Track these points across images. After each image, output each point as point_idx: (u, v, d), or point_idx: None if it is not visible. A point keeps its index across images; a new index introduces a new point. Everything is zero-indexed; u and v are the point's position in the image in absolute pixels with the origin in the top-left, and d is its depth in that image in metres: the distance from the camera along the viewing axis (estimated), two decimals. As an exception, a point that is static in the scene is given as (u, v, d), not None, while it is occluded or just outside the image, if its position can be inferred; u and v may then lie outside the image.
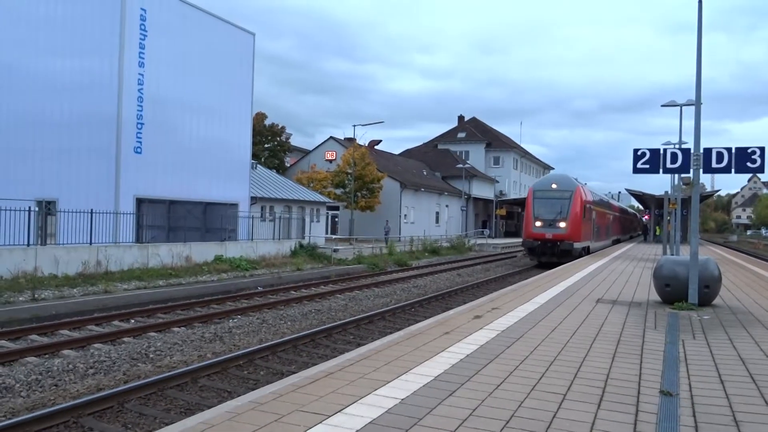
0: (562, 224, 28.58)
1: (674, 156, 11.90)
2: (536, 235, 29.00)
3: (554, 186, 30.16)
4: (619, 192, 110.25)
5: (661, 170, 12.00)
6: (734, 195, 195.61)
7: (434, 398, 5.31)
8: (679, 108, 25.76)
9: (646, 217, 67.85)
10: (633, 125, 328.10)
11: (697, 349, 7.80)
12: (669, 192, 31.13)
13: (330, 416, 4.76)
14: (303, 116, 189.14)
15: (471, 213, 68.34)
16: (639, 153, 12.12)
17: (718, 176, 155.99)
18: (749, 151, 11.23)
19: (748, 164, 11.28)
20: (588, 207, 31.04)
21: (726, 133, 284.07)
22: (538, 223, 29.09)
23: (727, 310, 11.57)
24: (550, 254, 28.57)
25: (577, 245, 28.50)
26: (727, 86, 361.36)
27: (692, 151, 11.74)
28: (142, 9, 24.19)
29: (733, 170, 11.43)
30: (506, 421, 4.75)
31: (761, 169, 11.30)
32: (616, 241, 49.65)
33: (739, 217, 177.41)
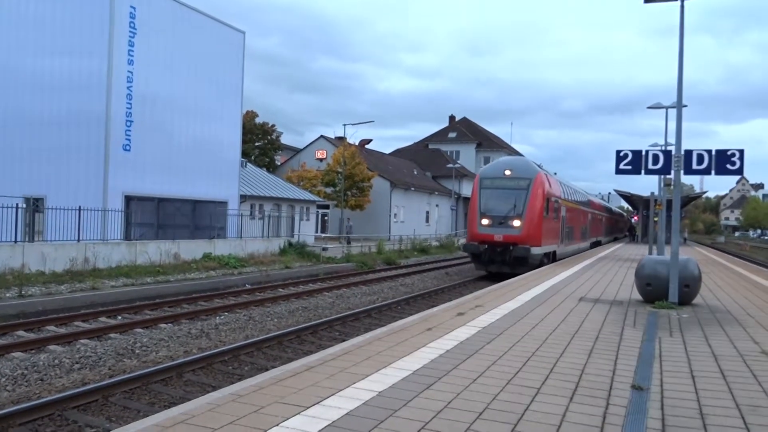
0: (516, 223, 22.31)
1: (656, 157, 12.11)
2: (482, 237, 22.63)
3: (508, 173, 23.33)
4: (609, 193, 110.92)
5: (643, 171, 12.21)
6: (723, 197, 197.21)
7: (411, 391, 5.45)
8: (664, 110, 26.04)
9: (635, 218, 68.31)
10: (621, 126, 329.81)
11: (672, 347, 7.97)
12: (656, 193, 31.45)
13: (308, 408, 4.88)
14: (292, 114, 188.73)
15: (461, 212, 68.61)
16: (621, 154, 12.32)
17: (707, 178, 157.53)
18: (729, 153, 11.45)
19: (728, 166, 11.50)
20: (554, 201, 24.80)
21: (714, 135, 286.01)
22: (485, 221, 22.70)
23: (706, 309, 11.78)
24: (500, 262, 22.48)
25: (537, 251, 22.35)
26: (715, 88, 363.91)
27: (673, 152, 11.95)
28: (131, 7, 24.20)
29: (713, 172, 11.64)
30: (479, 413, 4.90)
31: (740, 171, 11.53)
32: (596, 244, 43.63)
33: (727, 218, 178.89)
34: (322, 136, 58.28)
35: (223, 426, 4.42)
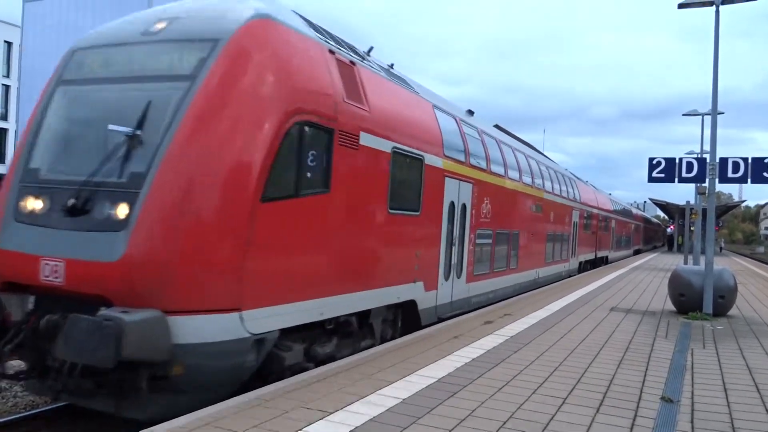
0: (123, 210, 5.29)
1: (690, 165, 11.89)
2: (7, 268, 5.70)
3: (159, 26, 6.36)
4: (645, 201, 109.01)
5: (676, 179, 12.00)
6: (763, 206, 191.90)
7: (435, 399, 5.44)
8: (700, 117, 25.55)
9: (671, 227, 66.95)
10: (656, 133, 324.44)
11: (705, 358, 7.80)
12: (692, 202, 30.82)
13: (332, 413, 4.91)
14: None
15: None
16: (654, 162, 12.13)
17: (746, 186, 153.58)
18: (766, 161, 11.19)
19: (765, 174, 11.24)
20: (392, 152, 8.15)
21: (752, 142, 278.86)
22: (31, 205, 5.78)
23: (742, 320, 11.50)
24: (56, 370, 5.18)
25: (216, 323, 5.41)
26: (752, 95, 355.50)
27: (708, 160, 11.72)
28: (168, 16, 24.72)
29: (749, 180, 11.40)
30: (503, 422, 4.86)
31: (778, 180, 11.25)
32: (597, 263, 28.03)
33: (767, 228, 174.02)
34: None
35: (247, 429, 4.48)
